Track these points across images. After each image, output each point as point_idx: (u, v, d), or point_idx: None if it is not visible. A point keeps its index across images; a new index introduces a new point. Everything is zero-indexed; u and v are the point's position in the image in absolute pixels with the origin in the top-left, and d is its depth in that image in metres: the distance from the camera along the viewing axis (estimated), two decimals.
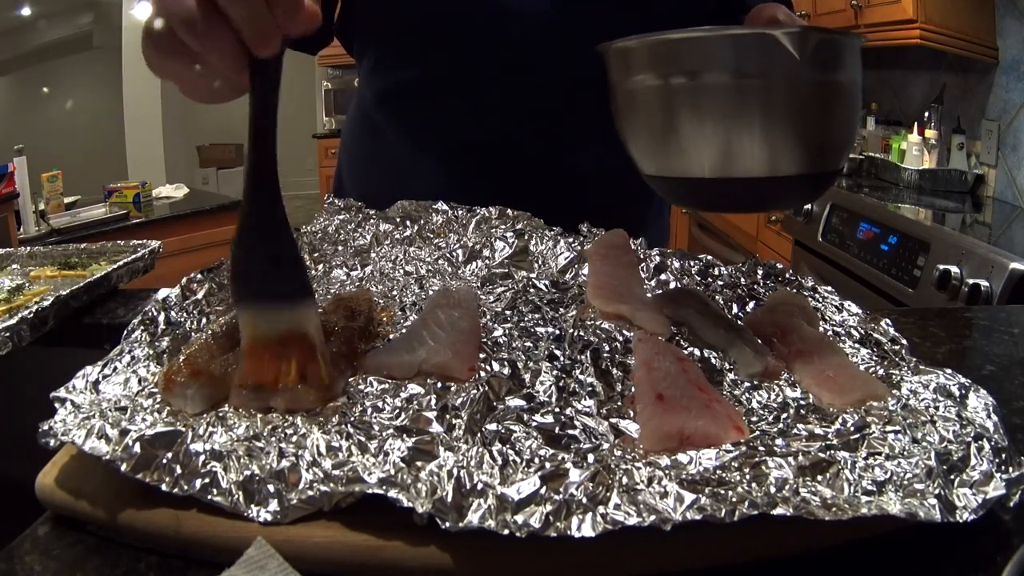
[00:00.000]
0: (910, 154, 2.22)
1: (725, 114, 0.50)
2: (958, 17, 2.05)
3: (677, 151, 0.52)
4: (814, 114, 0.51)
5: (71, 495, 0.42)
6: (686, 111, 0.51)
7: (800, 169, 0.52)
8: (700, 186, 0.53)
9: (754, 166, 0.51)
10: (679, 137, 0.52)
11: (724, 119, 0.50)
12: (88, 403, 0.46)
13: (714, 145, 0.51)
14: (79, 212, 2.75)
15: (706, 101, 0.50)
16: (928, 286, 1.54)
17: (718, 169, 0.51)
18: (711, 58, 0.50)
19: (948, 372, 0.49)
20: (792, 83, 0.49)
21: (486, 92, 0.84)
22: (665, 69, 0.51)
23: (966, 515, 0.37)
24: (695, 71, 0.50)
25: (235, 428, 0.44)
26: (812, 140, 0.51)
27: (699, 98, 0.50)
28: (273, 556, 0.37)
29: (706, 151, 0.51)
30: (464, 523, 0.36)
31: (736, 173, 0.51)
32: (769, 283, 0.70)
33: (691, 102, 0.51)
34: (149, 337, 0.56)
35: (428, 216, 0.80)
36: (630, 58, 0.53)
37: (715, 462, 0.40)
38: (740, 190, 0.52)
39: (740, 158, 0.51)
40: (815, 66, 0.49)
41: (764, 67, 0.49)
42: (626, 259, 0.72)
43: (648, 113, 0.54)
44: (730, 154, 0.51)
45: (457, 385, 0.50)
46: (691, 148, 0.52)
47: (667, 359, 0.51)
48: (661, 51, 0.52)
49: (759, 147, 0.50)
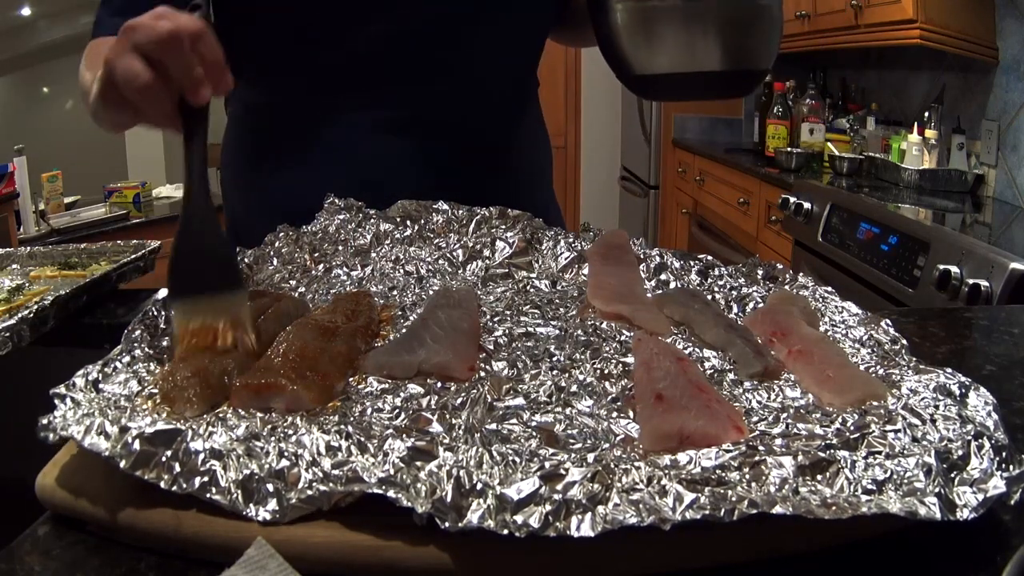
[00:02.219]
0: (910, 154, 2.22)
1: (696, 25, 0.71)
2: (958, 17, 2.05)
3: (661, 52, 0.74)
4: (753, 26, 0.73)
5: (71, 495, 0.42)
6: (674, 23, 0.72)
7: (739, 66, 0.74)
8: (672, 79, 0.75)
9: (711, 62, 0.73)
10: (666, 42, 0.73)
11: (695, 29, 0.72)
12: (88, 401, 0.46)
13: (682, 47, 0.73)
14: (79, 212, 2.75)
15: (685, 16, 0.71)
16: (928, 286, 1.54)
17: (686, 65, 0.73)
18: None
19: (948, 371, 0.49)
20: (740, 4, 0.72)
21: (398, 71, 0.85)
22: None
23: (966, 513, 0.37)
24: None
25: (235, 427, 0.44)
26: (751, 45, 0.74)
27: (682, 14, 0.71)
28: (273, 556, 0.37)
29: (677, 52, 0.73)
30: (464, 523, 0.36)
31: (697, 68, 0.73)
32: (769, 283, 0.70)
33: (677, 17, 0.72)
34: (149, 337, 0.56)
35: (428, 216, 0.80)
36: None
37: (715, 462, 0.40)
38: (700, 81, 0.75)
39: (700, 57, 0.72)
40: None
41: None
42: (626, 259, 0.72)
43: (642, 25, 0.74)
44: (694, 54, 0.72)
45: (457, 385, 0.50)
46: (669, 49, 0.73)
47: (667, 359, 0.51)
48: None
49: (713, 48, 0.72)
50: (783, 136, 2.85)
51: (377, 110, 0.86)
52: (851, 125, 2.71)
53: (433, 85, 0.86)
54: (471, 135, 0.90)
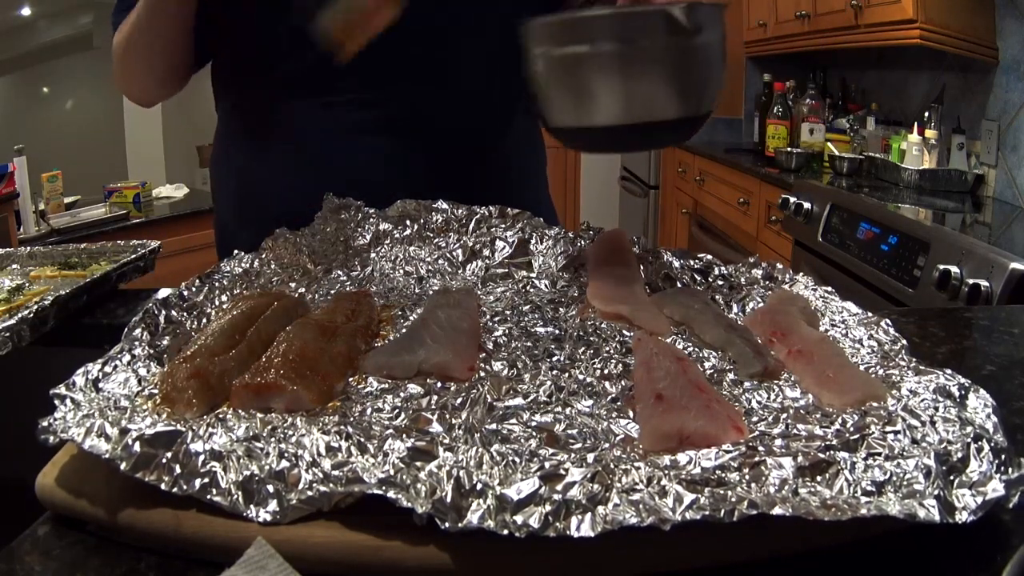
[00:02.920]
0: (910, 154, 2.22)
1: (622, 74, 0.62)
2: (958, 17, 2.05)
3: (585, 105, 0.64)
4: (689, 69, 0.63)
5: (71, 495, 0.42)
6: (593, 73, 0.63)
7: (677, 114, 0.64)
8: (601, 132, 0.65)
9: (643, 113, 0.63)
10: (586, 93, 0.63)
11: (621, 78, 0.62)
12: (88, 401, 0.46)
13: (614, 98, 0.63)
14: (79, 212, 2.75)
15: (607, 65, 0.62)
16: (928, 286, 1.54)
17: (617, 117, 0.63)
18: (612, 31, 0.61)
19: (948, 372, 0.49)
20: (668, 48, 0.62)
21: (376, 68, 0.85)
22: (575, 40, 0.62)
23: (965, 516, 0.37)
24: (596, 41, 0.61)
25: (235, 428, 0.44)
26: (686, 90, 0.64)
27: (602, 62, 0.62)
28: (273, 556, 0.37)
29: (606, 104, 0.63)
30: (463, 523, 0.36)
31: (630, 120, 0.63)
32: (769, 283, 0.70)
33: (596, 66, 0.62)
34: (149, 336, 0.56)
35: (428, 216, 0.80)
36: (547, 31, 0.64)
37: (715, 462, 0.40)
38: (632, 133, 0.65)
39: (633, 107, 0.63)
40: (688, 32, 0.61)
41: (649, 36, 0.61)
42: (626, 259, 0.72)
43: (562, 75, 0.65)
44: (627, 104, 0.63)
45: (457, 385, 0.50)
46: (595, 101, 0.64)
47: (667, 359, 0.51)
48: (574, 26, 0.63)
49: (646, 97, 0.63)
50: (783, 136, 2.85)
51: (363, 110, 0.86)
52: (851, 125, 2.71)
53: (421, 86, 0.86)
54: (460, 136, 0.90)
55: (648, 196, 3.79)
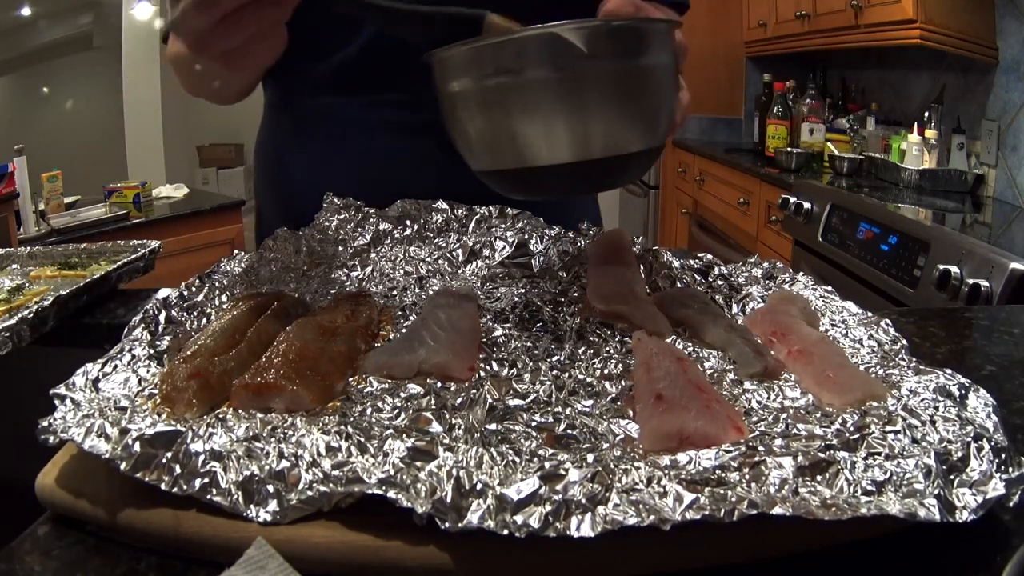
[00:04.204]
0: (910, 154, 2.22)
1: (538, 107, 0.53)
2: (958, 17, 2.05)
3: (504, 145, 0.56)
4: (621, 99, 0.54)
5: (71, 495, 0.42)
6: (506, 107, 0.54)
7: (616, 150, 0.55)
8: (525, 175, 0.56)
9: (572, 151, 0.54)
10: (503, 132, 0.55)
11: (537, 111, 0.54)
12: (88, 401, 0.46)
13: (535, 136, 0.54)
14: (79, 212, 2.75)
15: (519, 97, 0.54)
16: (928, 286, 1.54)
17: (541, 157, 0.55)
18: (520, 57, 0.53)
19: (948, 372, 0.49)
20: (592, 72, 0.53)
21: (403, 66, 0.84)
22: (483, 71, 0.55)
23: (966, 515, 0.37)
24: (508, 71, 0.53)
25: (235, 428, 0.44)
26: (625, 121, 0.55)
27: (515, 94, 0.54)
28: (273, 556, 0.37)
29: (528, 142, 0.55)
30: (463, 523, 0.36)
31: (559, 159, 0.54)
32: (769, 283, 0.70)
33: (508, 99, 0.54)
34: (149, 336, 0.56)
35: (428, 216, 0.80)
36: (452, 65, 0.57)
37: (714, 462, 0.40)
38: (566, 174, 0.55)
39: (560, 145, 0.54)
40: (609, 55, 0.53)
41: (561, 61, 0.52)
42: (626, 259, 0.72)
43: (475, 112, 0.57)
44: (551, 142, 0.54)
45: (457, 385, 0.50)
46: (515, 141, 0.55)
47: (667, 359, 0.51)
48: (479, 56, 0.55)
49: (575, 132, 0.54)
50: (783, 136, 2.86)
51: (403, 111, 0.85)
52: (851, 125, 2.71)
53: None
54: None
55: (648, 196, 3.79)
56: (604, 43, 0.53)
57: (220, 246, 2.91)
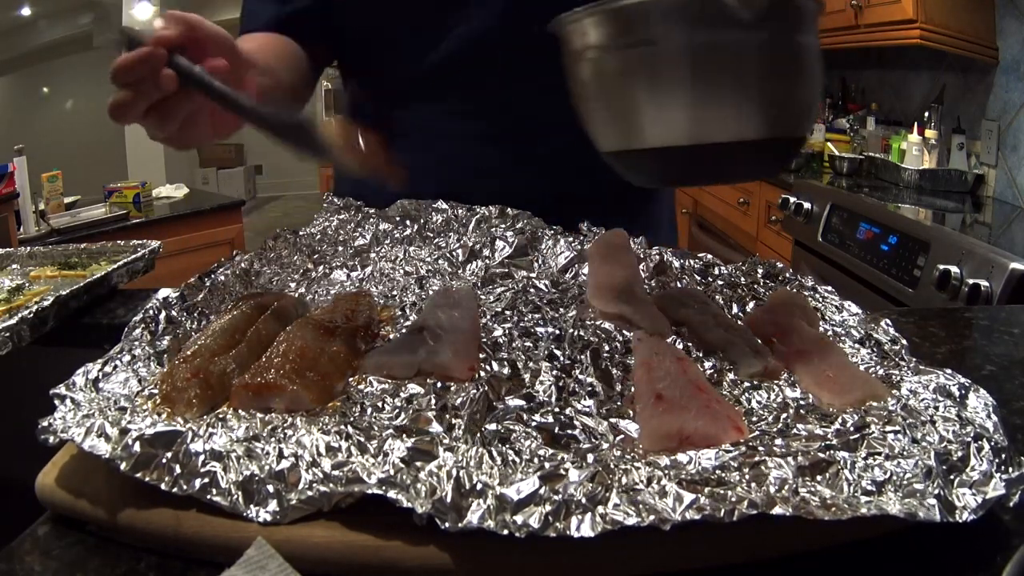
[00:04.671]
0: (910, 154, 2.22)
1: (685, 79, 0.48)
2: (958, 17, 2.05)
3: (640, 121, 0.51)
4: (776, 76, 0.49)
5: (71, 495, 0.42)
6: (648, 79, 0.49)
7: (765, 133, 0.50)
8: (664, 157, 0.51)
9: (720, 131, 0.49)
10: (642, 106, 0.50)
11: (684, 84, 0.48)
12: (88, 401, 0.46)
13: (677, 111, 0.49)
14: (79, 212, 2.74)
15: (665, 67, 0.48)
16: (928, 286, 1.54)
17: (683, 136, 0.49)
18: (666, 22, 0.48)
19: (948, 372, 0.49)
20: (749, 44, 0.48)
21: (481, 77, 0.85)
22: (622, 37, 0.50)
23: (965, 515, 0.37)
24: (651, 38, 0.48)
25: (235, 428, 0.44)
26: (776, 103, 0.50)
27: (659, 65, 0.48)
28: (273, 556, 0.37)
29: (670, 118, 0.49)
30: (463, 523, 0.36)
31: (702, 139, 0.49)
32: (769, 283, 0.70)
33: (651, 69, 0.49)
34: (150, 336, 0.56)
35: (428, 216, 0.80)
36: (586, 30, 0.51)
37: (714, 462, 0.40)
38: (706, 158, 0.50)
39: (705, 123, 0.49)
40: (771, 27, 0.48)
41: (719, 29, 0.47)
42: (626, 259, 0.72)
43: (608, 84, 0.52)
44: (695, 119, 0.49)
45: (457, 385, 0.50)
46: (655, 116, 0.50)
47: (667, 359, 0.51)
48: (617, 19, 0.50)
49: (724, 110, 0.49)
50: None
51: (477, 120, 0.86)
52: (851, 125, 2.71)
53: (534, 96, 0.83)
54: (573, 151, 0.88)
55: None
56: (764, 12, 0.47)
57: (220, 246, 2.91)
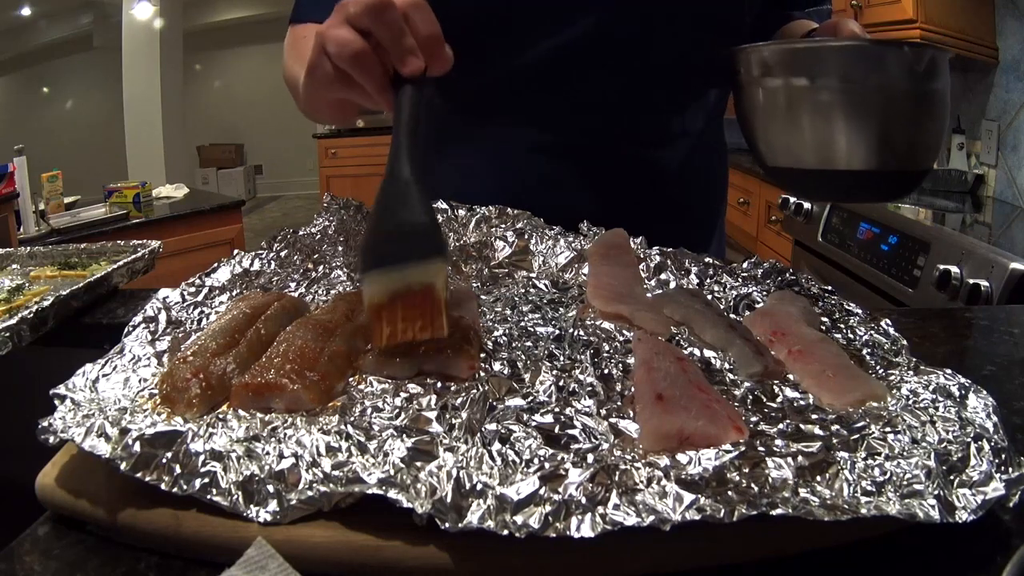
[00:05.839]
0: None
1: (848, 114, 0.61)
2: (958, 17, 2.05)
3: (808, 145, 0.63)
4: (917, 118, 0.63)
5: (71, 495, 0.42)
6: (820, 111, 0.62)
7: (908, 166, 0.63)
8: (819, 176, 0.64)
9: (868, 161, 0.62)
10: (810, 132, 0.62)
11: (846, 119, 0.61)
12: (88, 401, 0.46)
13: (837, 140, 0.62)
14: (79, 212, 2.75)
15: (835, 102, 0.61)
16: (928, 286, 1.54)
17: (836, 161, 0.62)
18: (842, 65, 0.61)
19: (948, 372, 0.49)
20: (904, 90, 0.61)
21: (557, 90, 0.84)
22: (802, 73, 0.62)
23: (965, 516, 0.37)
24: (825, 76, 0.61)
25: (235, 428, 0.44)
26: (911, 140, 0.63)
27: (830, 100, 0.61)
28: (273, 556, 0.37)
29: (832, 145, 0.62)
30: (464, 523, 0.36)
31: (853, 166, 0.62)
32: (769, 283, 0.70)
33: (824, 103, 0.61)
34: (150, 336, 0.56)
35: None
36: (766, 62, 0.63)
37: (714, 462, 0.40)
38: (855, 182, 0.63)
39: (858, 153, 0.62)
40: (923, 76, 0.62)
41: (884, 76, 0.61)
42: (626, 259, 0.72)
43: (783, 111, 0.63)
44: (849, 148, 0.62)
45: (457, 385, 0.50)
46: (820, 142, 0.62)
47: (667, 359, 0.51)
48: (797, 57, 0.62)
49: (871, 143, 0.62)
50: None
51: (543, 133, 0.85)
52: None
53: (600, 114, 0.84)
54: (640, 166, 0.87)
55: None
56: (923, 65, 0.61)
57: (220, 246, 2.91)
